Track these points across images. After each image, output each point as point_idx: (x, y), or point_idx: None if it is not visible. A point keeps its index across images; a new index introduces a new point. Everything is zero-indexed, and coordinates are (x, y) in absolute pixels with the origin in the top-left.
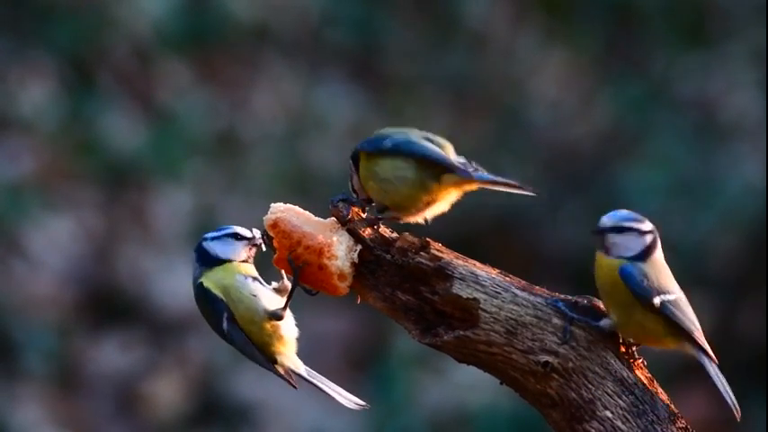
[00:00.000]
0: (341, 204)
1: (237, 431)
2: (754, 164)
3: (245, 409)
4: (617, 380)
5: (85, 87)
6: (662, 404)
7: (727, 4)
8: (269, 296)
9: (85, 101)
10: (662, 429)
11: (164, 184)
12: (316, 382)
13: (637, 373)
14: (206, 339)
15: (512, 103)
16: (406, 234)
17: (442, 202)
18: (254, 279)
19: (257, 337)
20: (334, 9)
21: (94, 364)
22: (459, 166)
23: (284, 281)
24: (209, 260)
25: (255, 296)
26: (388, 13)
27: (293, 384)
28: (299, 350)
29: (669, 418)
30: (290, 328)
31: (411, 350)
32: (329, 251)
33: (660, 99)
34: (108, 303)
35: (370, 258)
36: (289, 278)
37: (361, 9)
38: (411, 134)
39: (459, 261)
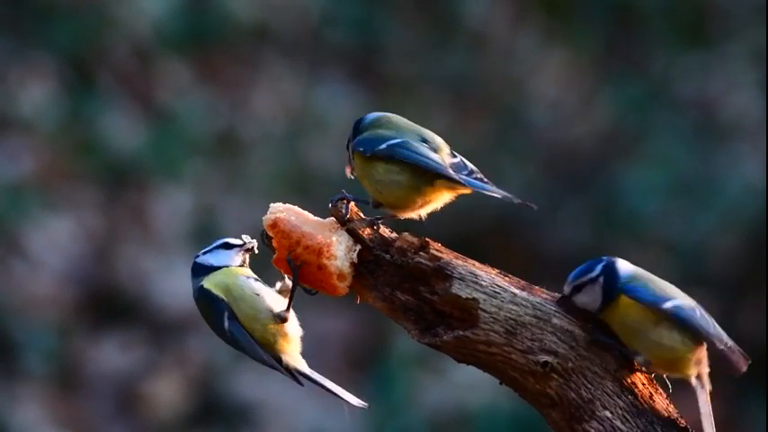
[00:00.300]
0: (340, 204)
1: (237, 431)
2: (754, 164)
3: (245, 409)
4: (616, 380)
5: (85, 87)
6: (661, 404)
7: (727, 4)
8: (272, 296)
9: (85, 101)
10: (661, 429)
11: (164, 184)
12: (320, 380)
13: (636, 372)
14: (206, 339)
15: (512, 103)
16: (406, 234)
17: (437, 202)
18: (255, 280)
19: (261, 336)
20: (334, 9)
21: (94, 364)
22: (453, 174)
23: (286, 282)
24: (206, 271)
25: (259, 295)
26: (388, 13)
27: (300, 382)
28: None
29: (668, 417)
30: (294, 327)
31: (411, 350)
32: (328, 251)
33: (660, 99)
34: (108, 303)
35: (369, 258)
36: (289, 278)
37: (361, 9)
38: (407, 135)
39: (459, 261)
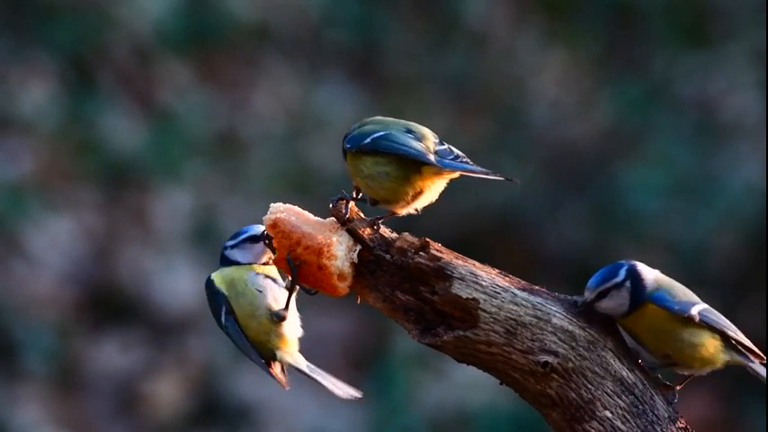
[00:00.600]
0: (340, 204)
1: (237, 431)
2: (754, 164)
3: (245, 409)
4: (616, 380)
5: (85, 87)
6: (661, 404)
7: (727, 4)
8: (277, 295)
9: (85, 101)
10: (661, 429)
11: (164, 184)
12: (316, 377)
13: (636, 372)
14: (206, 339)
15: (512, 103)
16: (406, 234)
17: (429, 191)
18: (266, 277)
19: (254, 333)
20: (334, 9)
21: (94, 364)
22: (432, 159)
23: (288, 281)
24: (231, 264)
25: (261, 292)
26: (388, 13)
27: (283, 384)
28: (300, 350)
29: (669, 418)
30: (292, 327)
31: (411, 350)
32: (329, 251)
33: (660, 99)
34: (108, 303)
35: (369, 258)
36: (289, 279)
37: (361, 9)
38: (391, 127)
39: (459, 261)
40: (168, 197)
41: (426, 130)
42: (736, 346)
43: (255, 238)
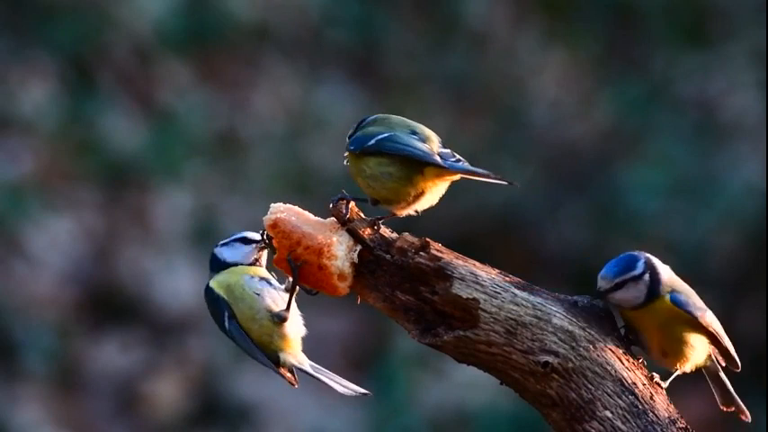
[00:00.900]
0: (340, 204)
1: (237, 431)
2: (754, 164)
3: (245, 409)
4: (616, 380)
5: (85, 87)
6: (661, 404)
7: (727, 4)
8: (275, 297)
9: (85, 101)
10: (661, 429)
11: (164, 184)
12: (320, 377)
13: (636, 372)
14: (206, 339)
15: (512, 103)
16: (406, 234)
17: (430, 193)
18: (261, 279)
19: (257, 336)
20: (334, 9)
21: (94, 364)
22: (437, 159)
23: (288, 282)
24: (219, 265)
25: (259, 295)
26: (388, 13)
27: (292, 383)
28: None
29: (669, 418)
30: (294, 327)
31: (411, 350)
32: (329, 251)
33: (660, 99)
34: (108, 303)
35: (369, 258)
36: (289, 279)
37: (361, 9)
38: (396, 128)
39: (459, 261)
40: (168, 197)
41: (430, 132)
42: (719, 353)
43: (246, 240)
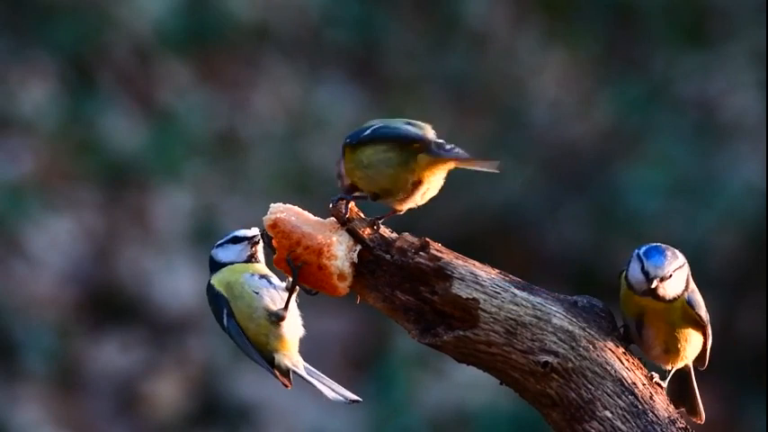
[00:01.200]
0: (340, 204)
1: (237, 431)
2: (754, 164)
3: (245, 409)
4: (616, 380)
5: (85, 87)
6: (661, 404)
7: (727, 4)
8: (274, 296)
9: (85, 101)
10: (661, 429)
11: (164, 184)
12: (313, 381)
13: (636, 372)
14: (206, 339)
15: (512, 103)
16: (406, 234)
17: (428, 184)
18: (261, 276)
19: (254, 335)
20: (334, 9)
21: (94, 364)
22: (429, 137)
23: (288, 281)
24: (218, 267)
25: (258, 294)
26: (388, 13)
27: (286, 384)
28: (300, 350)
29: (668, 418)
30: (292, 328)
31: (411, 350)
32: (329, 251)
33: (660, 99)
34: (108, 303)
35: (369, 258)
36: (289, 279)
37: (361, 9)
38: (391, 120)
39: (459, 261)
40: (168, 197)
41: (425, 125)
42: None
43: (237, 239)
